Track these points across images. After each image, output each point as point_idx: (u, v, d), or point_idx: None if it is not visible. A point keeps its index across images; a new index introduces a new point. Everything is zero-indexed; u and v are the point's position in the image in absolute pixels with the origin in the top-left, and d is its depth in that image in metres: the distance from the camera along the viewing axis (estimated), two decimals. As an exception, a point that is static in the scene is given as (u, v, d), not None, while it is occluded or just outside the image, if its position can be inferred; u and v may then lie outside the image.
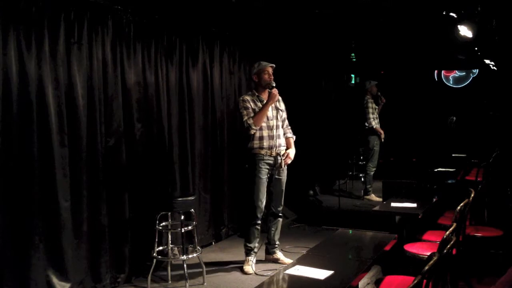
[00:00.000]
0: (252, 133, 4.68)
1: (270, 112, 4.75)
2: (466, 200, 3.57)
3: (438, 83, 11.71)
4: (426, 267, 2.24)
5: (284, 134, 4.95)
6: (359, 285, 3.21)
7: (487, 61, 10.06)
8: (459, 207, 3.33)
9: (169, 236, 4.66)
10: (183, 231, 4.42)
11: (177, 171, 5.35)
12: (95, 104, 4.29)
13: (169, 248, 4.66)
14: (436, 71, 11.73)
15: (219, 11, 5.54)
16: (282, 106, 4.93)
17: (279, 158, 4.75)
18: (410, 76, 10.85)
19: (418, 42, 8.34)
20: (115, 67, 4.52)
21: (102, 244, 4.33)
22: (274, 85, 4.71)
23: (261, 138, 4.71)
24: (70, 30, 4.06)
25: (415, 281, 2.14)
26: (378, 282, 3.05)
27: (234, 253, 5.45)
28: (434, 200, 4.61)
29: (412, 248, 3.66)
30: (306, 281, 2.54)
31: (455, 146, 9.61)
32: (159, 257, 4.65)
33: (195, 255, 4.58)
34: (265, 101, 4.72)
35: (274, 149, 4.72)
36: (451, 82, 11.74)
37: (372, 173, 7.93)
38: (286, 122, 5.01)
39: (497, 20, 6.73)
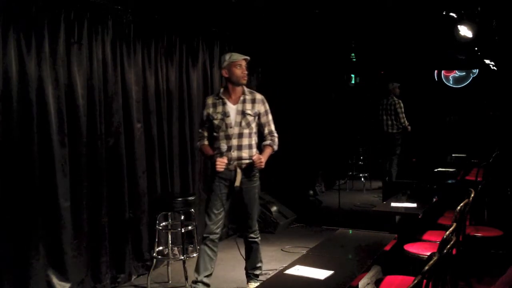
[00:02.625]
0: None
1: (232, 117, 3.90)
2: (466, 200, 3.56)
3: (438, 83, 11.72)
4: (426, 267, 2.23)
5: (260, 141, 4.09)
6: (359, 285, 3.21)
7: (487, 61, 10.06)
8: (459, 207, 3.33)
9: (169, 236, 4.66)
10: (183, 231, 4.42)
11: (177, 171, 5.35)
12: (95, 104, 4.29)
13: (169, 248, 4.66)
14: (436, 71, 11.73)
15: (219, 11, 5.54)
16: (256, 109, 3.97)
17: (238, 174, 3.88)
18: (410, 76, 10.86)
19: (418, 42, 8.34)
20: (115, 67, 4.52)
21: (102, 244, 4.33)
22: (224, 150, 3.86)
23: (217, 149, 3.92)
24: (70, 30, 4.06)
25: (415, 281, 2.14)
26: (378, 282, 3.05)
27: (234, 253, 5.44)
28: (434, 200, 4.60)
29: (412, 248, 3.66)
30: (306, 281, 2.54)
31: (455, 146, 9.62)
32: (159, 257, 4.65)
33: (195, 255, 4.57)
34: (229, 104, 3.94)
35: (232, 162, 3.87)
36: (451, 82, 11.74)
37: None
38: (269, 127, 4.07)
39: (497, 20, 6.73)
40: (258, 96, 4.03)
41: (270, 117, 4.08)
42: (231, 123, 3.89)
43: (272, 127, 4.09)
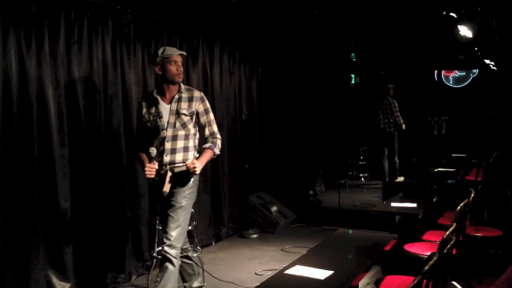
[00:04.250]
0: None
1: (165, 118, 3.46)
2: (466, 200, 3.57)
3: (438, 83, 11.72)
4: (426, 267, 2.24)
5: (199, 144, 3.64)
6: (359, 285, 3.21)
7: (487, 61, 10.06)
8: (459, 207, 3.33)
9: (169, 236, 4.65)
10: (183, 231, 4.41)
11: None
12: (95, 104, 4.29)
13: (169, 248, 4.65)
14: (436, 71, 11.74)
15: (219, 11, 5.54)
16: (193, 107, 3.53)
17: (168, 177, 3.38)
18: (410, 76, 10.87)
19: (418, 42, 8.35)
20: (115, 67, 4.52)
21: (102, 244, 4.33)
22: (153, 154, 3.31)
23: (149, 154, 3.38)
24: (70, 30, 4.07)
25: (415, 281, 2.14)
26: (378, 282, 3.05)
27: (234, 253, 5.46)
28: (434, 200, 4.61)
29: (412, 248, 3.66)
30: (306, 281, 2.54)
31: (455, 146, 9.64)
32: (159, 256, 4.63)
33: (195, 255, 4.57)
34: (162, 104, 3.49)
35: (165, 167, 3.41)
36: (451, 82, 11.74)
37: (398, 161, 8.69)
38: (210, 128, 3.62)
39: (497, 20, 6.73)
40: (196, 94, 3.58)
41: (211, 117, 3.63)
42: (164, 124, 3.45)
43: (214, 128, 3.63)
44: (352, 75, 10.53)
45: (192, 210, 4.55)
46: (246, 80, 6.75)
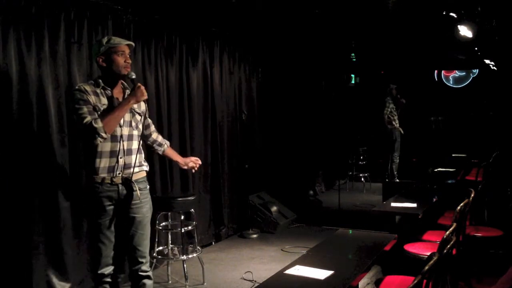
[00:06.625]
0: (100, 142, 2.92)
1: None
2: (466, 200, 3.57)
3: (438, 83, 11.72)
4: (426, 267, 2.24)
5: (154, 143, 3.50)
6: (359, 285, 3.21)
7: (487, 61, 10.07)
8: (459, 207, 3.33)
9: (169, 236, 4.66)
10: (183, 231, 4.42)
11: (177, 171, 5.35)
12: (95, 104, 4.29)
13: (169, 248, 4.66)
14: (436, 71, 11.74)
15: (219, 11, 5.54)
16: (142, 107, 3.23)
17: (131, 186, 3.06)
18: (410, 76, 10.88)
19: (418, 42, 8.36)
20: (115, 67, 4.51)
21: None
22: (134, 76, 3.06)
23: (98, 155, 3.00)
24: (70, 30, 4.06)
25: (415, 281, 2.14)
26: (378, 282, 3.05)
27: (234, 253, 5.46)
28: (434, 200, 4.61)
29: (412, 248, 3.66)
30: (306, 281, 2.54)
31: (455, 146, 9.65)
32: (159, 257, 4.65)
33: (195, 255, 4.58)
34: (116, 97, 3.09)
35: (119, 173, 3.03)
36: (451, 82, 11.74)
37: (397, 160, 8.75)
38: (153, 127, 3.50)
39: (497, 20, 6.73)
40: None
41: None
42: (120, 121, 3.05)
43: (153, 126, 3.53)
44: (352, 75, 10.54)
45: (192, 210, 4.58)
46: (246, 80, 6.75)
